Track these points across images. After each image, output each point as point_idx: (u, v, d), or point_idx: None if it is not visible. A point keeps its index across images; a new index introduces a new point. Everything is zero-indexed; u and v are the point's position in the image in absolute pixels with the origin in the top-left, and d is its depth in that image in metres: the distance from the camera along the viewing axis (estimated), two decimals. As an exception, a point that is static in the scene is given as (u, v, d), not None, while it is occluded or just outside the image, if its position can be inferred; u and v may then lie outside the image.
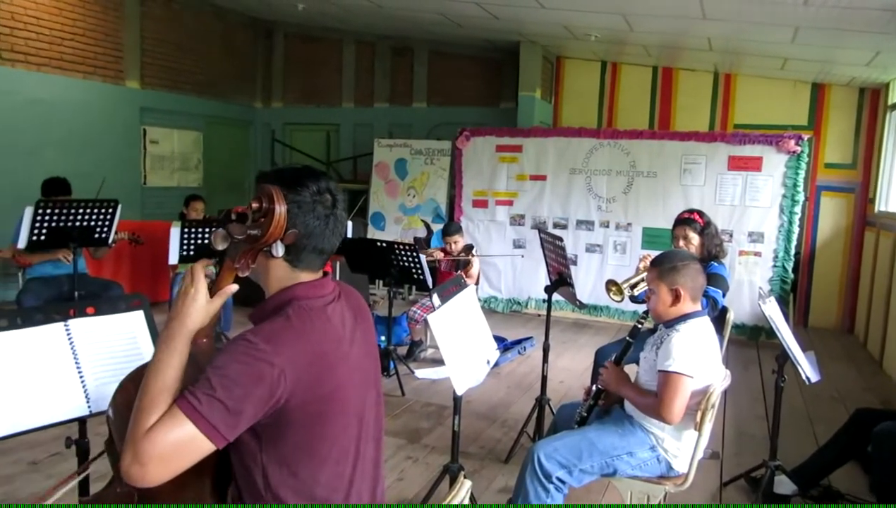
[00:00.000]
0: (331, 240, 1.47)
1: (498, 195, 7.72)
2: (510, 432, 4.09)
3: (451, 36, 8.67)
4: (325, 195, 1.45)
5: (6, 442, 3.32)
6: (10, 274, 6.75)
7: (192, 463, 1.26)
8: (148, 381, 1.30)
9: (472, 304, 2.92)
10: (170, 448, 1.23)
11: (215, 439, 1.25)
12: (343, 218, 1.51)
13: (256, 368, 1.29)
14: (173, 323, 1.35)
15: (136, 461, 1.21)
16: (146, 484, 1.23)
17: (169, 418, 1.24)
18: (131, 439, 1.24)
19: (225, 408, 1.25)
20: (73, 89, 7.54)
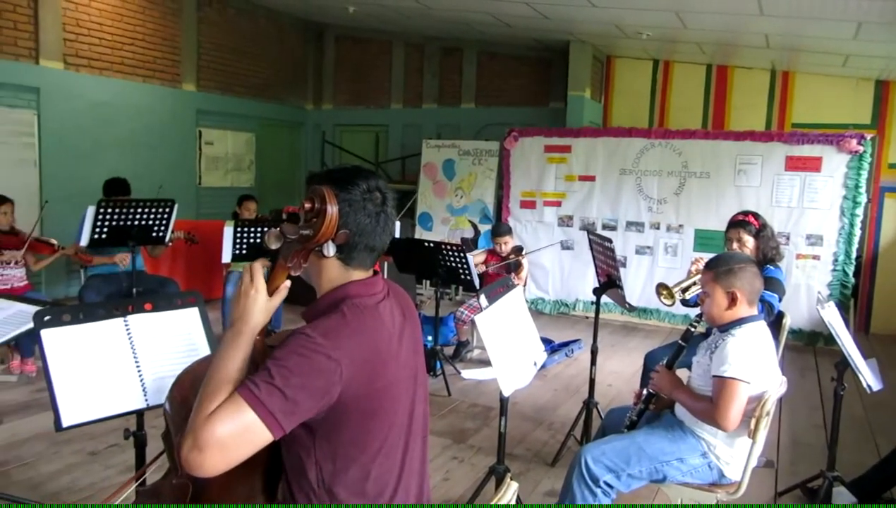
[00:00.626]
0: (381, 237, 1.50)
1: (546, 196, 7.66)
2: (557, 435, 4.05)
3: (500, 36, 8.64)
4: (375, 193, 1.47)
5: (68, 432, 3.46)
6: (73, 270, 7.04)
7: (249, 454, 1.28)
8: (211, 373, 1.34)
9: (519, 305, 2.91)
10: (228, 435, 1.25)
11: (273, 427, 1.28)
12: (393, 215, 1.53)
13: (314, 361, 1.31)
14: (238, 323, 1.39)
15: (195, 446, 1.24)
16: (204, 473, 1.25)
17: (229, 404, 1.27)
18: (192, 426, 1.27)
19: (283, 397, 1.28)
20: (132, 92, 7.80)
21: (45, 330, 1.94)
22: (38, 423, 3.91)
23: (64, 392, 1.92)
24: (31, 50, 6.81)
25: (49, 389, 1.91)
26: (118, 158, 7.51)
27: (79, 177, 7.01)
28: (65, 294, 7.20)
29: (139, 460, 2.23)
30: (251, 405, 1.26)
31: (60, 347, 1.95)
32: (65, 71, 7.09)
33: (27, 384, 4.60)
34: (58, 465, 3.42)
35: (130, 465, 2.88)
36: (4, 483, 3.16)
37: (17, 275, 4.79)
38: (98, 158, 7.33)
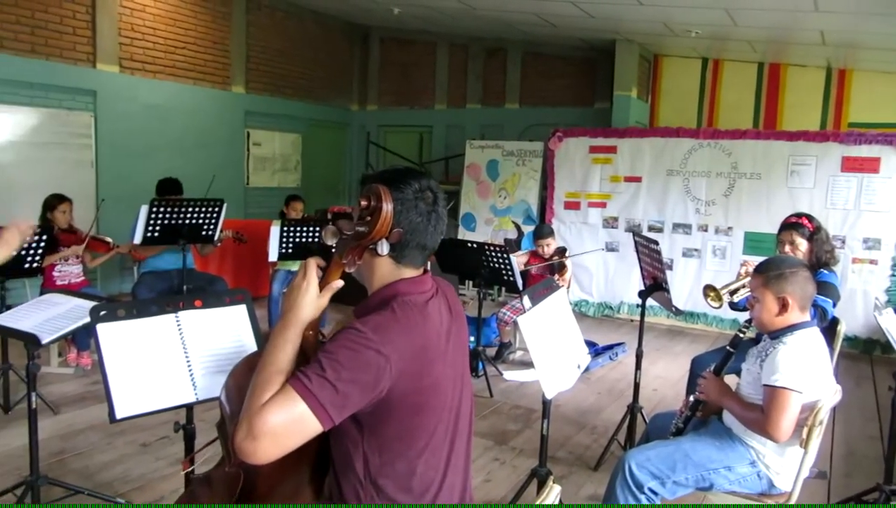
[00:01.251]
0: (433, 236, 1.52)
1: (591, 197, 7.58)
2: (600, 439, 4.00)
3: (544, 36, 8.59)
4: (427, 193, 1.49)
5: (121, 424, 3.57)
6: (126, 267, 7.27)
7: (299, 443, 1.32)
8: (263, 364, 1.38)
9: (563, 307, 2.89)
10: (281, 424, 1.28)
11: (323, 419, 1.30)
12: (444, 215, 1.54)
13: (365, 355, 1.34)
14: (289, 315, 1.43)
15: (249, 435, 1.27)
16: (256, 460, 1.28)
17: (282, 395, 1.31)
18: (246, 415, 1.30)
19: (334, 389, 1.31)
20: (184, 95, 8.01)
21: (101, 324, 2.00)
22: (93, 415, 4.05)
23: (118, 385, 1.99)
24: (88, 54, 7.05)
25: (104, 382, 1.98)
26: (170, 159, 7.73)
27: (133, 176, 7.23)
28: (119, 290, 7.44)
29: (188, 452, 2.28)
30: (303, 396, 1.30)
31: (115, 341, 2.01)
32: (120, 74, 7.33)
33: (83, 376, 4.76)
34: (111, 455, 3.53)
35: (180, 457, 2.97)
36: (61, 471, 3.27)
37: (75, 272, 4.97)
38: (151, 159, 7.55)
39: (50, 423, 3.85)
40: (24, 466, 3.05)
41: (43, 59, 6.64)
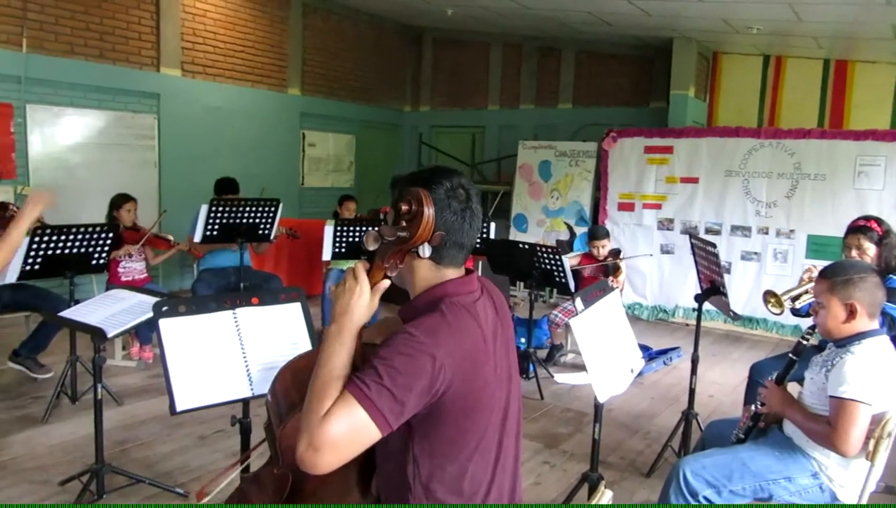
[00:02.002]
0: (469, 234, 1.50)
1: (645, 198, 7.44)
2: (653, 444, 3.93)
3: (599, 35, 8.48)
4: (459, 190, 1.47)
5: (181, 416, 3.68)
6: (186, 265, 7.50)
7: (358, 451, 1.32)
8: (319, 371, 1.38)
9: (616, 310, 2.84)
10: (342, 434, 1.29)
11: (382, 426, 1.30)
12: (479, 211, 1.52)
13: (419, 360, 1.33)
14: (343, 319, 1.42)
15: (311, 446, 1.28)
16: (318, 471, 1.29)
17: (341, 404, 1.30)
18: (307, 426, 1.30)
19: (392, 396, 1.30)
20: (242, 97, 8.22)
21: (163, 319, 2.07)
22: (154, 406, 4.19)
23: (178, 378, 2.05)
24: (153, 59, 7.30)
25: (165, 375, 2.04)
26: (228, 159, 7.93)
27: (193, 176, 7.46)
28: (179, 286, 7.68)
29: (244, 445, 2.34)
30: (363, 405, 1.29)
31: (176, 336, 2.08)
32: (182, 78, 7.56)
33: (145, 369, 4.93)
34: (171, 446, 3.64)
35: (236, 450, 3.03)
36: (123, 460, 3.40)
37: (138, 268, 5.15)
38: (210, 159, 7.77)
39: (114, 414, 4.00)
40: (90, 454, 3.19)
41: (110, 64, 6.91)
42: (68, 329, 3.91)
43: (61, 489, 3.11)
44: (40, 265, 3.97)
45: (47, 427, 3.82)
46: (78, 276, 4.20)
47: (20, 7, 6.19)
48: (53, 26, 6.45)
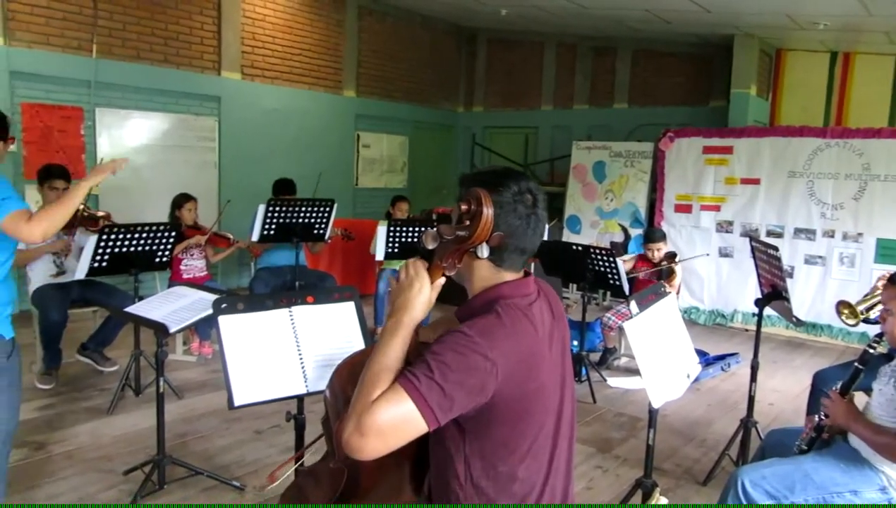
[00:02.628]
0: (532, 239, 1.49)
1: (703, 200, 7.26)
2: (710, 452, 3.83)
3: (656, 33, 8.32)
4: (526, 195, 1.46)
5: (238, 411, 3.77)
6: (244, 263, 7.69)
7: (404, 442, 1.33)
8: (373, 360, 1.40)
9: (672, 314, 2.78)
10: (389, 422, 1.30)
11: (429, 419, 1.31)
12: (544, 217, 1.51)
13: (472, 359, 1.33)
14: (401, 314, 1.43)
15: (357, 430, 1.30)
16: (363, 456, 1.31)
17: (391, 393, 1.32)
18: (354, 410, 1.33)
19: (441, 391, 1.31)
20: (299, 99, 8.38)
21: (222, 316, 2.13)
22: (213, 401, 4.32)
23: (236, 373, 2.10)
24: (214, 63, 7.52)
25: (224, 370, 2.10)
26: (285, 160, 8.10)
27: (252, 177, 7.65)
28: (237, 284, 7.88)
29: (298, 441, 2.38)
30: (412, 397, 1.30)
31: (234, 332, 2.13)
32: (242, 81, 7.76)
33: (204, 365, 5.08)
34: (228, 440, 3.74)
35: (290, 446, 3.09)
36: (183, 452, 3.51)
37: (199, 266, 5.31)
38: (268, 160, 7.96)
39: (174, 407, 4.13)
40: (152, 445, 3.30)
41: (174, 68, 7.15)
42: (133, 324, 4.06)
43: (125, 478, 3.24)
44: (107, 262, 4.14)
45: (112, 419, 3.98)
46: (142, 273, 4.36)
47: (91, 14, 6.47)
48: (121, 32, 6.72)
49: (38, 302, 4.41)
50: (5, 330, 2.39)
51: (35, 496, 3.05)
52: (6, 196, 2.28)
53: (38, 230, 2.31)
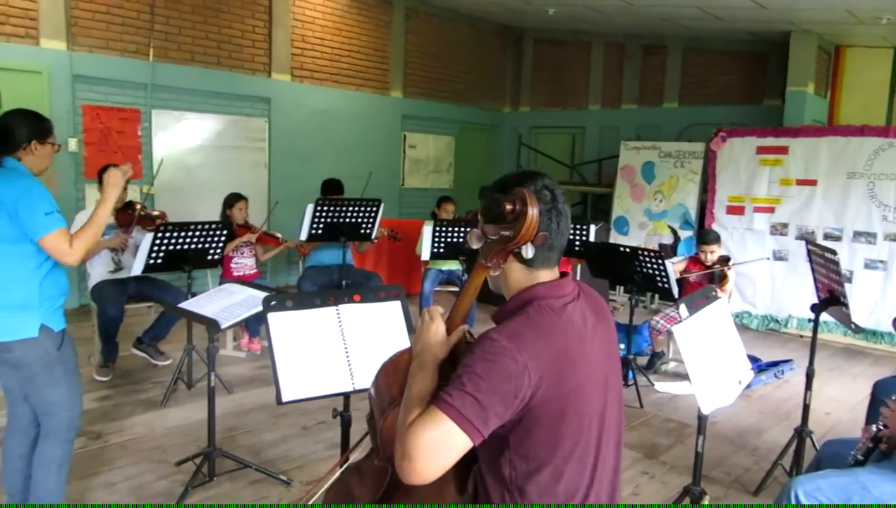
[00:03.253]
0: (557, 234, 1.50)
1: (757, 201, 7.06)
2: (761, 461, 3.72)
3: (708, 30, 8.13)
4: (544, 192, 1.47)
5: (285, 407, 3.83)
6: (292, 261, 7.83)
7: (454, 459, 1.35)
8: (407, 393, 1.45)
9: (723, 318, 2.72)
10: (430, 441, 1.32)
11: (469, 431, 1.32)
12: (566, 212, 1.51)
13: (501, 365, 1.34)
14: (423, 356, 1.50)
15: (405, 455, 1.32)
16: (416, 478, 1.33)
17: (426, 413, 1.35)
18: (399, 436, 1.36)
19: (475, 401, 1.32)
20: (346, 100, 8.49)
21: (272, 313, 2.17)
22: (261, 396, 4.40)
23: (285, 370, 2.14)
24: (265, 65, 7.67)
25: (272, 366, 2.14)
26: (332, 160, 8.21)
27: (300, 177, 7.77)
28: (285, 282, 8.02)
29: (344, 438, 2.41)
30: (446, 412, 1.32)
31: (283, 329, 2.17)
32: (291, 82, 7.90)
33: (253, 360, 5.19)
34: (275, 435, 3.81)
35: (336, 442, 3.14)
36: (232, 445, 3.59)
37: (249, 264, 5.42)
38: (316, 160, 8.08)
39: (224, 401, 4.23)
40: (203, 438, 3.39)
41: (226, 71, 7.32)
42: (186, 319, 4.17)
43: (177, 469, 3.33)
44: (162, 259, 4.27)
45: (165, 411, 4.09)
46: (194, 271, 4.48)
47: (148, 20, 6.67)
48: (177, 36, 6.91)
49: (97, 297, 4.57)
50: (55, 323, 2.47)
51: (92, 483, 3.17)
52: (50, 210, 2.34)
53: (79, 254, 2.38)
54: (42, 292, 2.43)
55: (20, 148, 2.44)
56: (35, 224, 2.31)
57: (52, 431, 2.53)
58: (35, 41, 5.99)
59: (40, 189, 2.37)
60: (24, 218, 2.30)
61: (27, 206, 2.29)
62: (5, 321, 2.38)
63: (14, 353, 2.40)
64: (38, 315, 2.42)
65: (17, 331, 2.38)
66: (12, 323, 2.38)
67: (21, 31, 5.91)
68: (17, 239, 2.34)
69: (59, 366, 2.48)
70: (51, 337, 2.45)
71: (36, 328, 2.40)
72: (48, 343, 2.44)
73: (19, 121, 2.46)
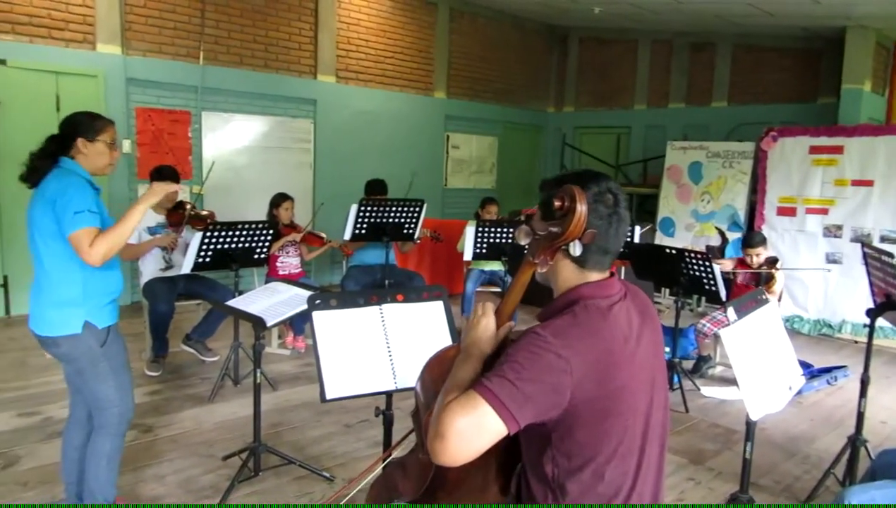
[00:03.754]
0: (615, 239, 1.49)
1: (809, 202, 6.86)
2: (812, 470, 3.61)
3: (759, 27, 7.93)
4: (607, 195, 1.46)
5: (328, 405, 3.88)
6: (336, 261, 7.93)
7: (487, 444, 1.34)
8: (450, 378, 1.46)
9: (773, 322, 2.65)
10: (465, 423, 1.32)
11: (506, 418, 1.32)
12: (626, 217, 1.50)
13: (545, 359, 1.34)
14: (471, 349, 1.51)
15: (437, 435, 1.33)
16: (448, 460, 1.33)
17: (465, 396, 1.36)
18: (434, 416, 1.37)
19: (513, 387, 1.32)
20: (391, 101, 8.55)
21: (317, 312, 2.20)
22: (305, 393, 4.47)
23: (329, 368, 2.17)
24: (311, 67, 7.79)
25: (317, 364, 2.17)
26: (376, 160, 8.29)
27: (345, 177, 7.86)
28: (329, 281, 8.13)
29: (386, 436, 2.43)
30: (483, 395, 1.32)
31: (328, 328, 2.20)
32: (336, 84, 8.00)
33: (297, 358, 5.27)
34: (319, 432, 3.86)
35: (379, 440, 3.17)
36: (277, 441, 3.65)
37: (294, 263, 5.51)
38: (360, 161, 8.16)
39: (269, 397, 4.30)
40: (249, 433, 3.46)
41: (273, 73, 7.45)
42: (233, 317, 4.26)
43: (223, 463, 3.40)
44: (210, 258, 4.37)
45: (213, 406, 4.19)
46: (241, 269, 4.57)
47: (199, 24, 6.84)
48: (226, 40, 7.07)
49: (148, 294, 4.70)
50: (99, 320, 2.54)
51: (142, 475, 3.26)
52: (81, 209, 2.39)
53: (98, 255, 2.40)
54: (87, 289, 2.50)
55: (74, 146, 2.52)
56: (65, 221, 2.38)
57: (103, 425, 2.62)
58: (92, 46, 6.20)
59: (78, 188, 2.43)
60: (59, 215, 2.38)
61: (62, 205, 2.37)
62: (52, 316, 2.48)
63: (61, 348, 2.50)
64: (83, 312, 2.49)
65: (62, 327, 2.47)
66: (58, 319, 2.47)
67: (79, 37, 6.13)
68: (58, 234, 2.42)
69: (103, 362, 2.55)
70: (94, 333, 2.52)
71: (80, 324, 2.48)
72: (91, 339, 2.51)
73: (76, 119, 2.56)
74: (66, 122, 2.56)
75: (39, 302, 2.50)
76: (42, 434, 3.67)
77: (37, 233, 2.45)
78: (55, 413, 3.94)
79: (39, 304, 2.50)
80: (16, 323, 5.89)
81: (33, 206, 2.45)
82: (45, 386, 4.39)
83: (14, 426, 3.77)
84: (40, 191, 2.45)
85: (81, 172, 2.51)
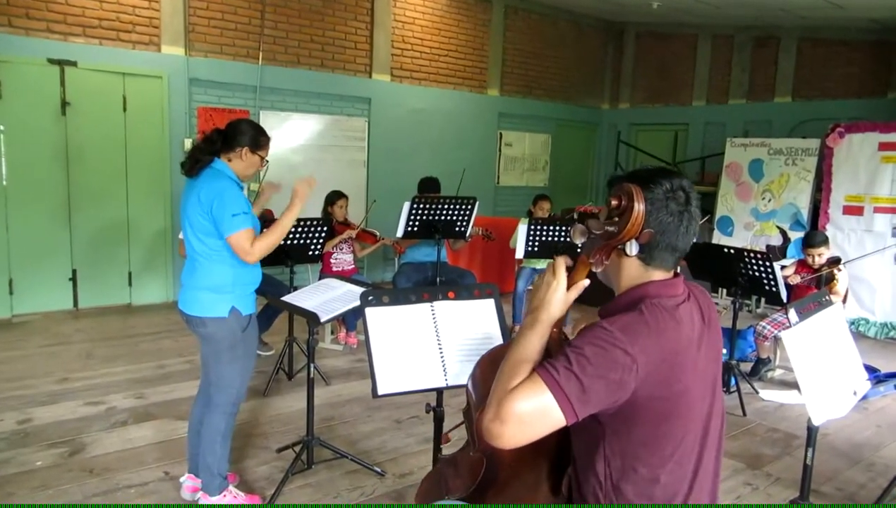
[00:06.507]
0: (684, 238, 1.46)
1: (878, 201, 6.57)
2: (878, 478, 3.47)
3: (826, 20, 7.63)
4: (679, 192, 1.44)
5: (379, 400, 3.94)
6: (388, 258, 8.01)
7: (543, 433, 1.33)
8: (511, 352, 1.43)
9: (837, 325, 2.56)
10: (527, 410, 1.31)
11: (566, 411, 1.31)
12: (697, 216, 1.47)
13: (611, 354, 1.32)
14: (538, 312, 1.46)
15: (497, 417, 1.32)
16: (502, 443, 1.32)
17: (530, 382, 1.33)
18: (495, 398, 1.35)
19: (579, 383, 1.30)
20: (444, 99, 8.58)
21: (369, 308, 2.23)
22: (357, 389, 4.53)
23: (381, 364, 2.20)
24: (366, 66, 7.88)
25: (369, 360, 2.20)
26: (429, 158, 8.33)
27: (398, 175, 7.94)
28: (381, 278, 8.21)
29: (437, 433, 2.44)
30: (549, 387, 1.31)
31: (380, 324, 2.23)
32: (391, 83, 8.07)
33: (349, 354, 5.35)
34: (370, 427, 3.92)
35: (429, 437, 3.19)
36: (329, 435, 3.72)
37: (347, 260, 5.59)
38: (413, 158, 8.22)
39: (322, 392, 4.38)
40: (302, 427, 3.53)
41: (329, 72, 7.57)
42: (287, 312, 4.36)
43: (277, 455, 3.48)
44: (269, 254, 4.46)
45: (268, 400, 4.29)
46: (296, 265, 4.66)
47: (259, 24, 7.01)
48: (284, 40, 7.22)
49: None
50: (244, 307, 2.81)
51: (202, 464, 3.36)
52: (237, 212, 2.65)
53: (257, 255, 2.71)
54: (235, 279, 2.76)
55: (234, 150, 2.77)
56: (223, 223, 2.64)
57: (220, 404, 2.83)
58: (157, 48, 6.42)
59: (233, 192, 2.68)
60: (217, 217, 2.64)
61: (219, 207, 2.63)
62: (203, 299, 2.73)
63: (207, 328, 2.74)
64: (231, 298, 2.76)
65: (211, 309, 2.73)
66: (208, 302, 2.73)
67: (145, 39, 6.35)
68: (213, 233, 2.69)
69: (241, 346, 2.81)
70: (238, 319, 2.78)
71: (227, 309, 2.74)
72: (235, 324, 2.77)
73: (244, 128, 2.82)
74: (234, 128, 2.81)
75: (192, 286, 2.76)
76: (106, 424, 3.83)
77: (192, 229, 2.71)
78: (119, 402, 4.11)
79: (192, 287, 2.76)
80: (83, 315, 6.14)
81: (188, 203, 2.71)
82: (110, 376, 4.58)
83: (81, 414, 3.95)
84: (195, 190, 2.68)
85: (231, 175, 2.76)
